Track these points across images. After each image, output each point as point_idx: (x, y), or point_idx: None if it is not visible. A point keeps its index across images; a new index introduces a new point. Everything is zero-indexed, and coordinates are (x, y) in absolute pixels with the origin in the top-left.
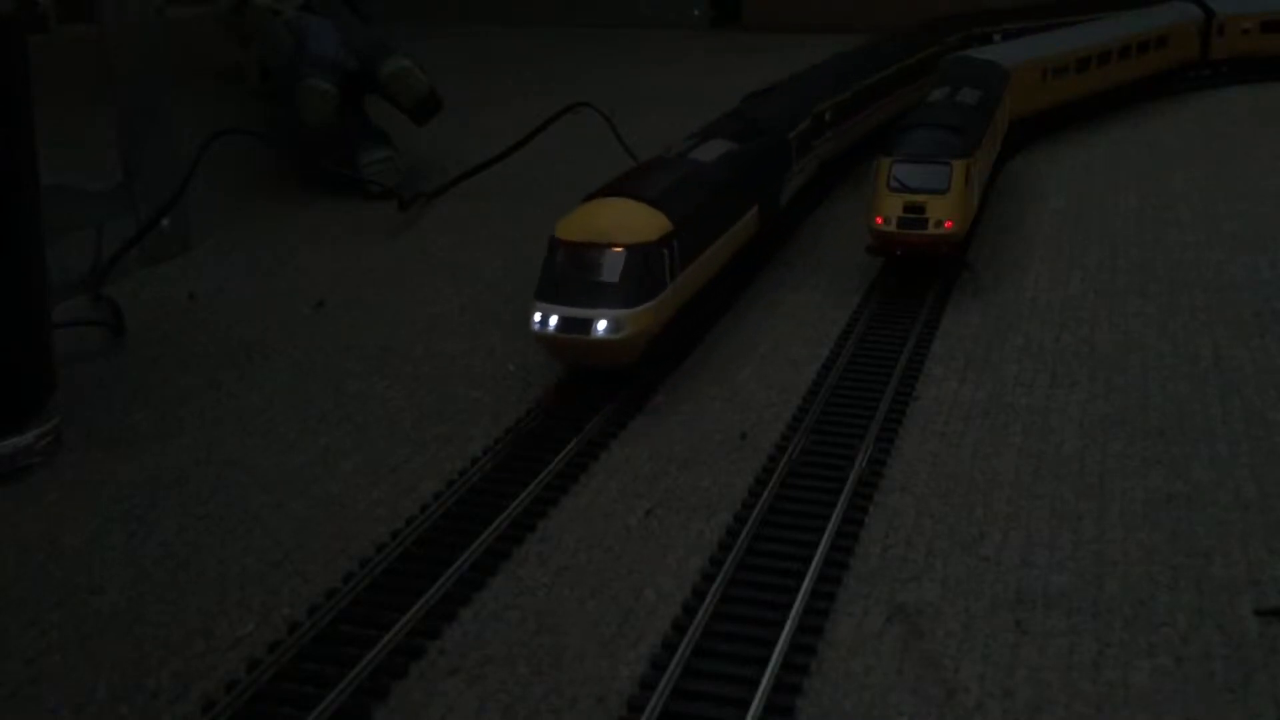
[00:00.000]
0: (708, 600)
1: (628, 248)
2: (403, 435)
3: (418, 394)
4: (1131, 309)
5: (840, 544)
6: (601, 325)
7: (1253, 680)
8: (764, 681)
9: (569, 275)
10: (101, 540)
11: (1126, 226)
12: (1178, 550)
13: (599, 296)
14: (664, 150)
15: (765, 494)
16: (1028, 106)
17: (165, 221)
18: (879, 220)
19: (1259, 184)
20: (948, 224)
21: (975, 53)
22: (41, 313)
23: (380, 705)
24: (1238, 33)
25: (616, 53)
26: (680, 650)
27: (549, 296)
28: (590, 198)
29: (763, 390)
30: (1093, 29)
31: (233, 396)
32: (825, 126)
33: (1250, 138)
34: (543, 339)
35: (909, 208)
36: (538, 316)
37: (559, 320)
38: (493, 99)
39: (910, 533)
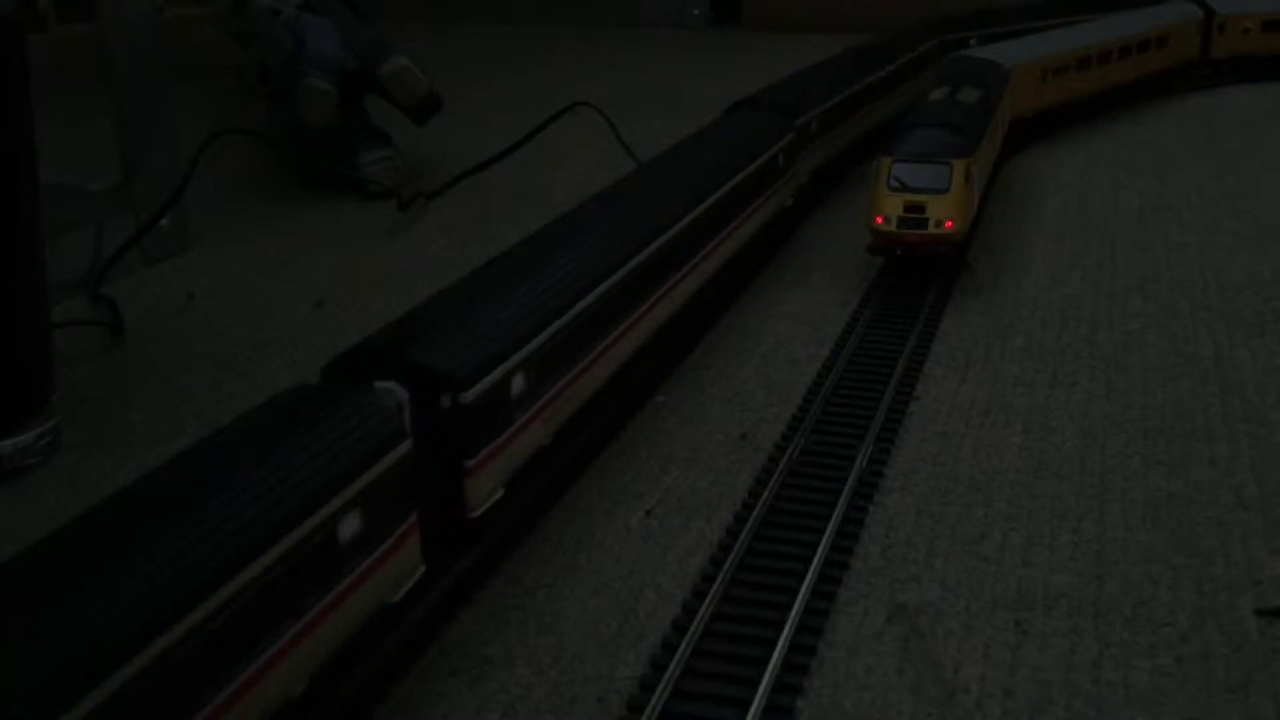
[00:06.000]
0: (708, 600)
1: None
2: None
3: None
4: (1131, 309)
5: (840, 544)
6: None
7: (1253, 680)
8: (764, 681)
9: None
10: None
11: (1126, 226)
12: (1178, 550)
13: None
14: None
15: (765, 494)
16: (1028, 106)
17: (164, 221)
18: (879, 220)
19: (1259, 184)
20: (948, 224)
21: (975, 52)
22: (41, 313)
23: (380, 706)
24: (1238, 32)
25: (616, 53)
26: (680, 650)
27: None
28: None
29: (763, 390)
30: (1093, 28)
31: (233, 396)
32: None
33: (1250, 138)
34: None
35: (909, 207)
36: None
37: None
38: (492, 98)
39: (910, 533)
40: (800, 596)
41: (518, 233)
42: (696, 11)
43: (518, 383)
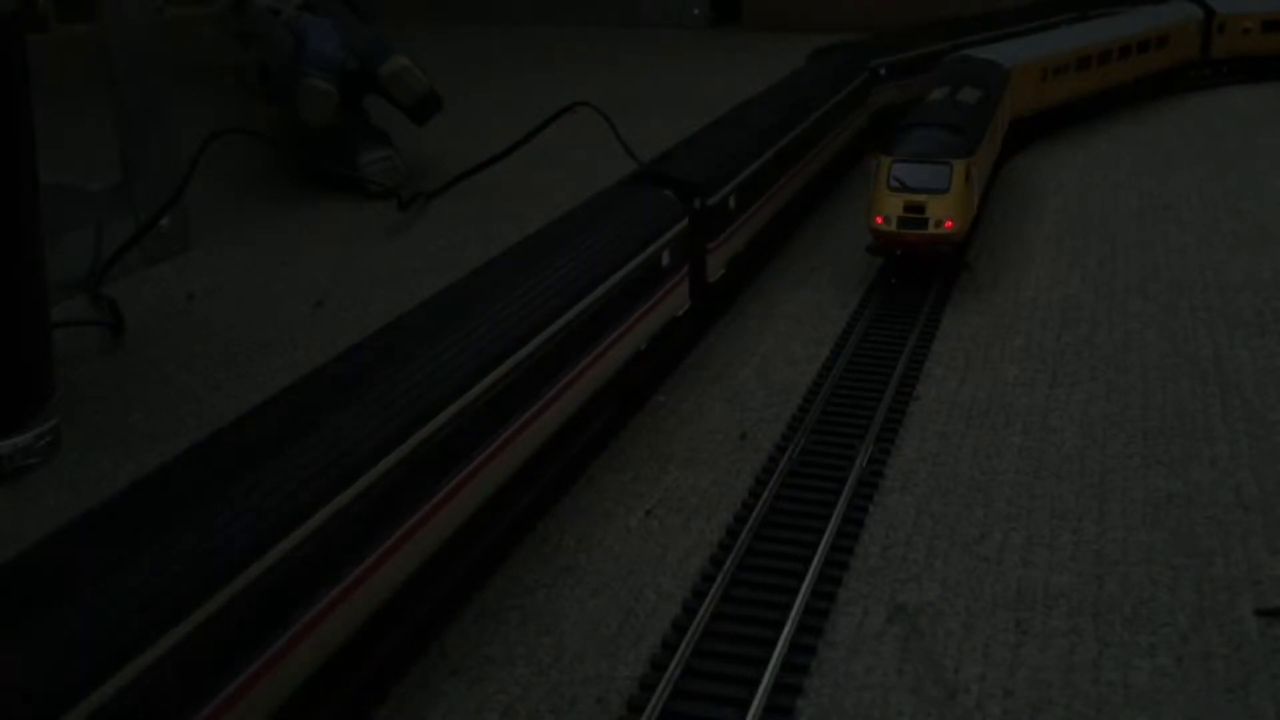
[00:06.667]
0: (708, 600)
1: None
2: None
3: None
4: (1131, 309)
5: (840, 544)
6: None
7: (1253, 680)
8: (764, 681)
9: None
10: None
11: (1126, 226)
12: (1178, 550)
13: None
14: None
15: (765, 494)
16: (1028, 106)
17: (164, 221)
18: (879, 220)
19: (1259, 184)
20: (948, 224)
21: (975, 52)
22: (41, 313)
23: (380, 707)
24: (1238, 32)
25: (616, 53)
26: (680, 650)
27: None
28: None
29: (763, 390)
30: (1093, 28)
31: (232, 397)
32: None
33: (1250, 138)
34: None
35: (909, 207)
36: None
37: None
38: (492, 98)
39: (910, 533)
40: (800, 596)
41: (517, 233)
42: (696, 11)
43: None
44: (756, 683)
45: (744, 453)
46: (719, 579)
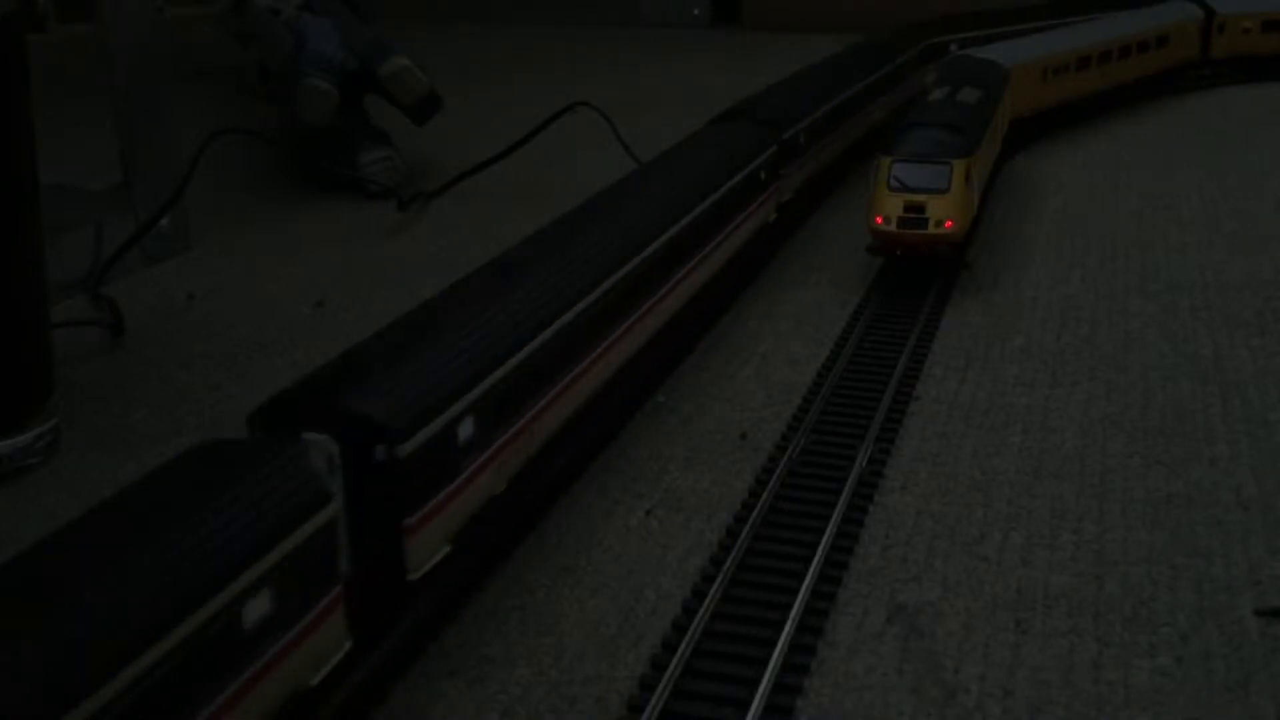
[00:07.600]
0: (708, 600)
1: None
2: None
3: None
4: (1131, 309)
5: (840, 544)
6: None
7: (1253, 680)
8: (764, 681)
9: None
10: None
11: (1126, 226)
12: (1178, 550)
13: None
14: None
15: (765, 494)
16: (1028, 106)
17: (164, 221)
18: (879, 220)
19: (1259, 184)
20: (948, 224)
21: (975, 52)
22: (41, 313)
23: (380, 707)
24: (1238, 32)
25: (616, 52)
26: (680, 650)
27: None
28: None
29: (763, 390)
30: (1093, 28)
31: (232, 397)
32: None
33: (1250, 138)
34: None
35: (909, 207)
36: None
37: None
38: (492, 98)
39: (910, 533)
40: (800, 596)
41: (517, 233)
42: (696, 11)
43: None
44: (756, 683)
45: (744, 453)
46: (719, 579)
